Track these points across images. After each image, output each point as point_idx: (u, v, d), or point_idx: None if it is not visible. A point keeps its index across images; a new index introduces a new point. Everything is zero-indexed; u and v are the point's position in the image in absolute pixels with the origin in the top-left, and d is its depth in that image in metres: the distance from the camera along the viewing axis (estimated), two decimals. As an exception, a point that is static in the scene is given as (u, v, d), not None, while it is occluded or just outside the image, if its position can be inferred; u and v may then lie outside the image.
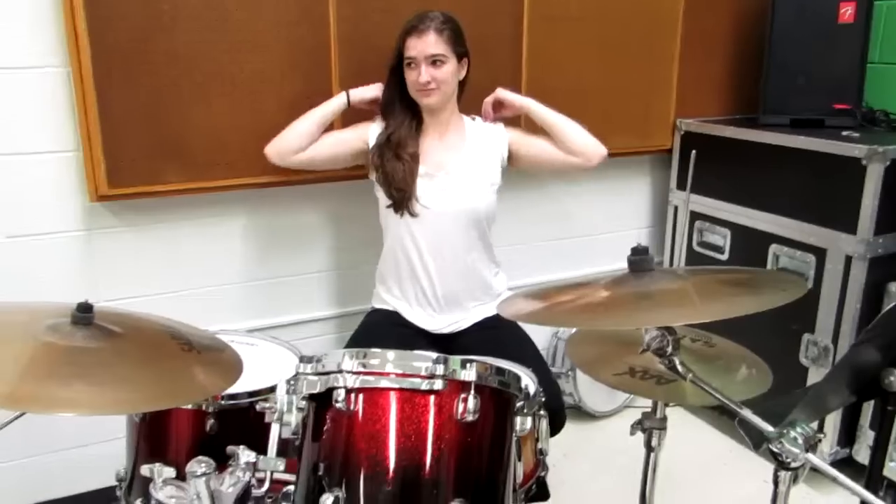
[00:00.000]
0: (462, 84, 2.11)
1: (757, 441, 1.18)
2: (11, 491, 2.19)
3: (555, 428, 1.87)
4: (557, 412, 1.86)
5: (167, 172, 2.09)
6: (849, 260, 2.32)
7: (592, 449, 2.69)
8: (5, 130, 1.96)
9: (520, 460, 1.46)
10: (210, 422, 1.50)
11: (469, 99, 2.17)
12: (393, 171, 2.03)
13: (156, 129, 2.05)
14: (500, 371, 1.20)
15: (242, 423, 1.50)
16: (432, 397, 1.12)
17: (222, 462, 1.23)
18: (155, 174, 2.07)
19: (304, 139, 2.06)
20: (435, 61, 1.97)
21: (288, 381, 1.22)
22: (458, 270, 2.10)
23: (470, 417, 1.12)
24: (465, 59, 2.07)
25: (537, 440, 1.54)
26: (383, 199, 2.08)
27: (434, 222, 2.06)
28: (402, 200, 2.03)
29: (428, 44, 1.95)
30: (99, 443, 2.26)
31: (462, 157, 2.09)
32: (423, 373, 1.12)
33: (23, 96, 1.96)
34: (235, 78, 2.10)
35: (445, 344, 2.12)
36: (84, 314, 1.26)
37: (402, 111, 2.07)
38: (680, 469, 2.48)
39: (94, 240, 2.13)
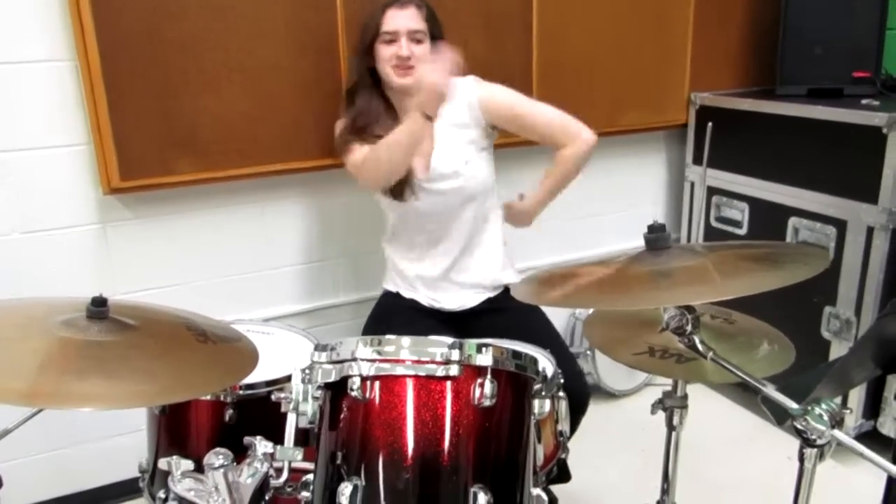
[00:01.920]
0: None
1: (780, 417, 1.16)
2: (35, 484, 2.21)
3: (579, 410, 1.86)
4: (581, 395, 1.84)
5: (179, 163, 2.08)
6: (870, 231, 2.28)
7: (613, 428, 2.68)
8: (16, 126, 1.96)
9: (539, 443, 1.44)
10: (229, 412, 1.50)
11: (477, 74, 2.13)
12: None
13: (166, 120, 2.04)
14: (516, 354, 1.18)
15: (262, 412, 1.50)
16: (449, 383, 1.11)
17: (242, 452, 1.22)
18: (166, 165, 2.07)
19: (404, 167, 1.88)
20: (416, 38, 1.89)
21: (303, 371, 1.21)
22: (462, 246, 2.05)
23: (487, 402, 1.11)
24: (438, 41, 1.94)
25: (557, 422, 1.53)
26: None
27: (429, 202, 1.98)
28: (396, 188, 1.94)
29: (410, 17, 1.88)
30: (121, 434, 2.28)
31: (440, 145, 1.95)
32: (438, 359, 1.10)
33: (32, 91, 1.96)
34: (244, 65, 2.09)
35: (461, 324, 2.08)
36: (99, 308, 1.26)
37: (370, 94, 1.96)
38: (703, 446, 2.47)
39: (108, 232, 2.14)
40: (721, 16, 2.81)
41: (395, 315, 2.10)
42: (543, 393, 1.26)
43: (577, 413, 1.85)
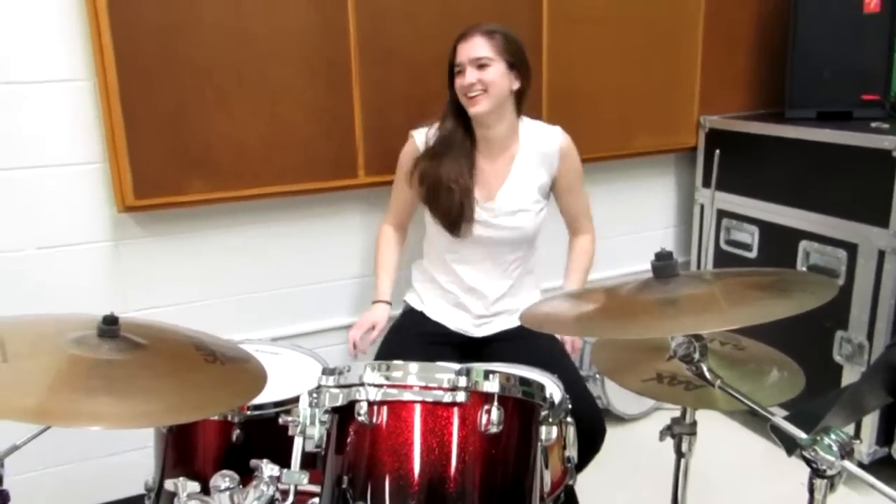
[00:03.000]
0: (519, 98, 2.03)
1: (790, 447, 1.15)
2: (42, 499, 2.22)
3: (594, 442, 1.86)
4: (595, 427, 1.86)
5: (192, 182, 2.10)
6: (881, 254, 2.27)
7: (622, 453, 2.66)
8: (33, 143, 1.99)
9: (547, 468, 1.44)
10: (236, 432, 1.50)
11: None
12: (447, 208, 2.00)
13: (180, 140, 2.07)
14: (523, 381, 1.18)
15: (269, 432, 1.49)
16: (455, 409, 1.11)
17: (249, 473, 1.22)
18: (180, 184, 2.09)
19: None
20: (481, 64, 1.93)
21: (310, 394, 1.21)
22: (502, 281, 2.11)
23: (494, 429, 1.11)
24: (518, 72, 1.99)
25: (564, 448, 1.52)
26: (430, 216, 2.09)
27: (480, 241, 2.05)
28: (455, 227, 2.02)
29: (474, 46, 1.93)
30: (128, 451, 2.29)
31: (510, 182, 2.04)
32: (445, 385, 1.11)
33: (50, 109, 1.99)
34: (257, 87, 2.11)
35: (475, 350, 2.11)
36: (110, 326, 1.27)
37: (454, 124, 2.03)
38: (713, 472, 2.44)
39: (121, 250, 2.16)
40: (729, 40, 2.82)
41: (413, 335, 2.11)
42: (550, 419, 1.26)
43: (591, 446, 1.86)
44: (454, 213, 2.00)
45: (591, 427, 1.82)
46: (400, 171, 2.14)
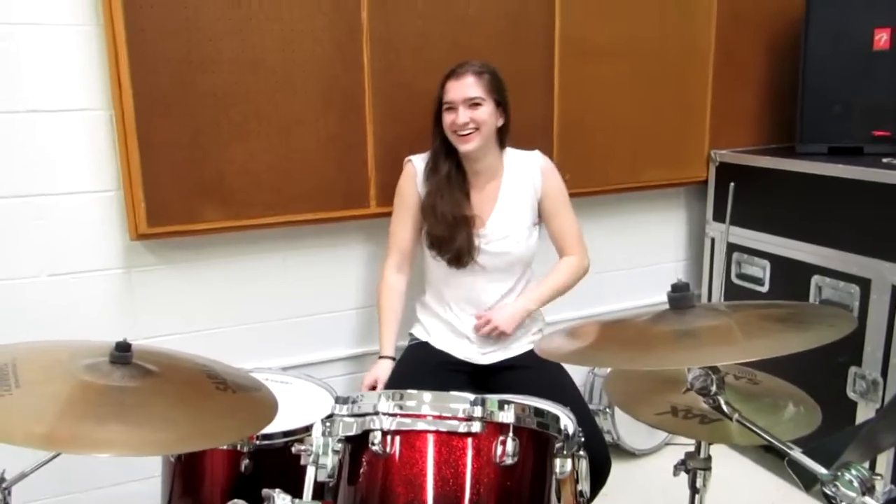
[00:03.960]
0: (501, 134, 2.09)
1: (808, 483, 1.13)
2: (49, 530, 2.20)
3: (601, 475, 1.84)
4: (601, 460, 1.83)
5: (205, 211, 2.11)
6: (895, 290, 2.25)
7: (633, 489, 2.62)
8: (49, 171, 2.01)
9: (560, 502, 1.42)
10: (245, 462, 1.49)
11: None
12: (458, 242, 2.03)
13: (195, 169, 2.08)
14: (538, 412, 1.18)
15: (278, 463, 1.49)
16: (470, 440, 1.10)
17: (257, 503, 1.21)
18: (193, 213, 2.10)
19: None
20: (473, 104, 1.97)
21: (323, 423, 1.21)
22: (499, 306, 2.12)
23: (509, 461, 1.10)
24: (503, 109, 2.06)
25: (577, 482, 1.50)
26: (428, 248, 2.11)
27: (476, 269, 2.08)
28: (459, 259, 2.05)
29: (466, 86, 1.98)
30: (135, 481, 2.27)
31: (498, 209, 2.08)
32: (460, 415, 1.10)
33: (68, 138, 2.01)
34: (271, 118, 2.13)
35: (485, 379, 2.11)
36: (122, 353, 1.27)
37: (446, 163, 2.06)
38: (725, 509, 2.41)
39: (134, 278, 2.16)
40: (740, 75, 2.84)
41: (421, 365, 2.11)
42: (565, 452, 1.24)
43: (597, 480, 1.83)
44: (463, 249, 2.03)
45: (598, 461, 1.79)
46: (401, 201, 2.15)
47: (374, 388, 2.05)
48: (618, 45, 2.57)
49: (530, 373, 2.04)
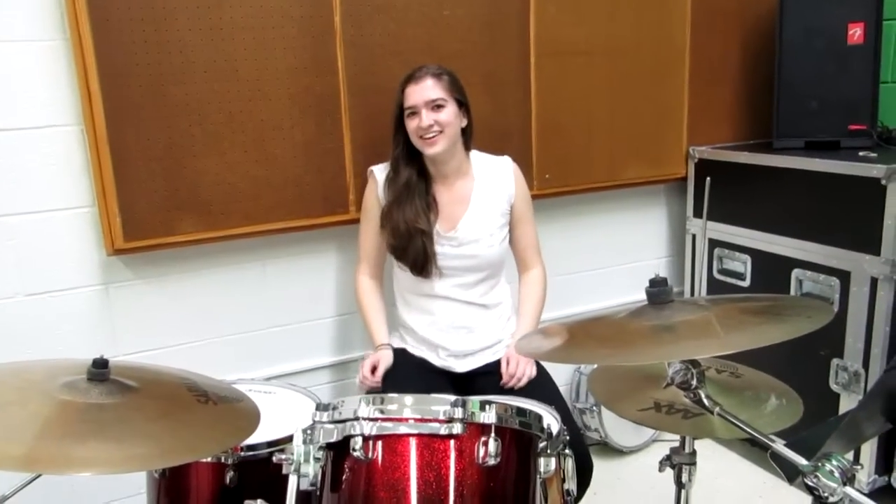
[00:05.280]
0: (466, 133, 2.09)
1: (791, 475, 1.14)
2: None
3: (583, 475, 1.83)
4: (582, 460, 1.82)
5: (181, 223, 2.10)
6: (874, 282, 2.27)
7: (621, 486, 2.63)
8: (21, 189, 1.98)
9: (546, 502, 1.41)
10: (230, 474, 1.48)
11: (479, 135, 2.17)
12: (412, 253, 2.03)
13: (170, 181, 2.06)
14: (520, 412, 1.17)
15: (263, 474, 1.47)
16: (452, 442, 1.09)
17: (243, 515, 1.20)
18: (170, 225, 2.08)
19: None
20: (435, 106, 1.97)
21: (304, 431, 1.20)
22: (473, 313, 2.12)
23: (491, 461, 1.09)
24: (465, 108, 2.06)
25: (564, 481, 1.50)
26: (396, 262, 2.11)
27: (446, 272, 2.08)
28: (420, 269, 2.05)
29: (426, 88, 1.97)
30: (122, 499, 2.24)
31: (470, 211, 2.08)
32: (441, 416, 1.09)
33: (38, 155, 1.98)
34: (246, 126, 2.12)
35: (465, 385, 2.10)
36: (99, 370, 1.25)
37: (409, 169, 2.06)
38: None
39: (111, 293, 2.14)
40: (716, 72, 2.86)
41: (400, 372, 2.10)
42: (549, 451, 1.24)
43: (580, 480, 1.82)
44: (420, 259, 2.03)
45: (579, 461, 1.78)
46: (366, 213, 2.16)
47: (373, 371, 2.05)
48: (593, 44, 2.58)
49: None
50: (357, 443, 1.10)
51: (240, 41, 2.07)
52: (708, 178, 1.60)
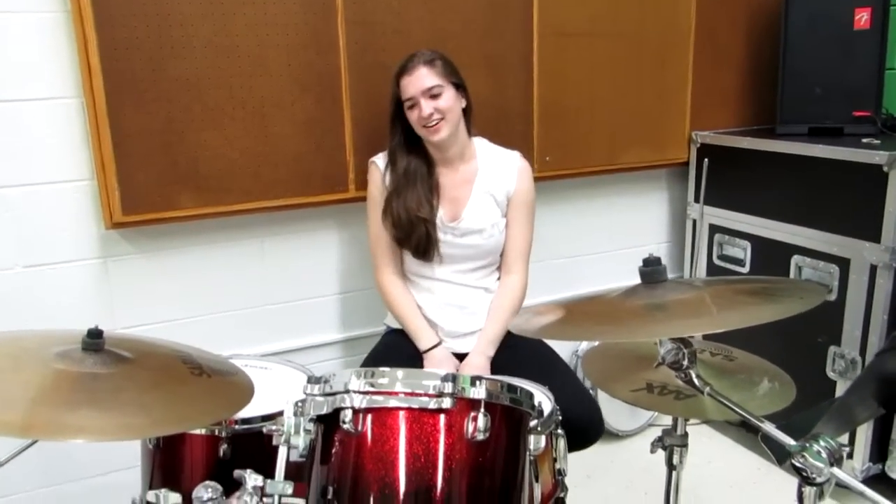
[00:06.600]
0: (466, 114, 2.07)
1: (781, 456, 1.14)
2: (31, 521, 2.19)
3: (589, 439, 1.85)
4: (593, 422, 1.85)
5: (181, 198, 2.10)
6: (874, 269, 2.26)
7: (617, 469, 2.64)
8: (21, 161, 1.98)
9: (537, 481, 1.42)
10: (224, 447, 1.48)
11: (480, 116, 2.16)
12: (415, 239, 2.03)
13: (169, 156, 2.06)
14: (511, 388, 1.17)
15: (257, 447, 1.47)
16: (441, 416, 1.10)
17: (236, 487, 1.21)
18: (169, 200, 2.08)
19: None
20: (433, 94, 1.95)
21: (295, 403, 1.20)
22: (474, 294, 2.12)
23: (480, 436, 1.10)
24: (462, 90, 2.03)
25: (555, 460, 1.51)
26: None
27: (449, 259, 2.09)
28: (423, 253, 2.05)
29: (421, 77, 1.95)
30: (117, 471, 2.26)
31: (474, 197, 2.07)
32: (431, 391, 1.10)
33: (38, 128, 1.99)
34: (246, 102, 2.11)
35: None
36: (94, 340, 1.26)
37: (408, 157, 2.05)
38: (707, 488, 2.42)
39: (109, 267, 2.14)
40: (720, 56, 2.84)
41: (395, 353, 2.11)
42: (540, 429, 1.25)
43: (584, 438, 1.85)
44: (423, 244, 2.03)
45: (589, 419, 1.83)
46: (371, 201, 2.13)
47: None
48: (597, 26, 2.56)
49: (509, 353, 2.05)
50: (347, 415, 1.10)
51: (241, 16, 2.06)
52: (706, 160, 1.59)
